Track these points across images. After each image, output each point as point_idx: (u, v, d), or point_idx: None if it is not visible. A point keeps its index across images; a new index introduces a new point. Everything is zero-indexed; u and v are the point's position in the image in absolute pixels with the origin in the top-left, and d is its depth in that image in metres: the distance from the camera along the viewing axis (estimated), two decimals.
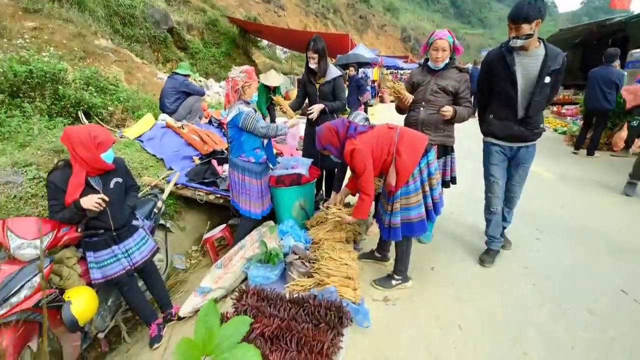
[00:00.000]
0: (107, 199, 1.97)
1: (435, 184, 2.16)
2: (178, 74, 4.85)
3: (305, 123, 3.32)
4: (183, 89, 4.80)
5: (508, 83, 2.27)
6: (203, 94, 5.30)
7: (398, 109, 2.78)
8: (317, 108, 3.03)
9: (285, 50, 17.79)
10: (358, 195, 2.24)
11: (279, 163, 3.04)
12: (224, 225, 3.16)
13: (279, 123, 2.64)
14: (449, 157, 2.72)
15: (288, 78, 11.31)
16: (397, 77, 18.67)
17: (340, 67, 7.46)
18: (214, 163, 3.64)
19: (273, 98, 4.12)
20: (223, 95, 7.18)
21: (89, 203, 1.90)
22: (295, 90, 8.67)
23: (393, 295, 2.27)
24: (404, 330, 1.98)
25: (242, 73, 2.46)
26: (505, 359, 1.79)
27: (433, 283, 2.41)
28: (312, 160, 3.06)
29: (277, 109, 6.25)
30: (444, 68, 2.50)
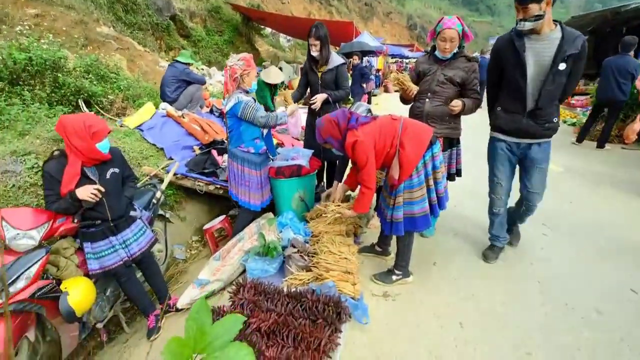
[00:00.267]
0: (103, 190, 1.95)
1: (440, 178, 2.09)
2: (179, 62, 4.78)
3: (307, 113, 3.24)
4: (184, 78, 4.72)
5: (517, 71, 2.08)
6: (204, 83, 5.22)
7: (402, 100, 2.70)
8: (319, 98, 2.95)
9: (289, 39, 17.51)
10: (359, 189, 2.18)
11: (279, 154, 2.99)
12: (224, 217, 3.13)
13: (279, 112, 2.56)
14: (455, 149, 2.64)
15: (291, 67, 11.14)
16: (401, 66, 18.38)
17: (344, 55, 7.30)
18: (214, 153, 3.59)
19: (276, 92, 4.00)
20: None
21: (85, 194, 1.88)
22: (298, 80, 8.52)
23: (393, 291, 2.23)
24: (404, 327, 1.94)
25: (240, 61, 2.38)
26: (508, 359, 1.74)
27: (435, 279, 2.36)
28: (312, 152, 3.01)
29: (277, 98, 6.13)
30: (452, 57, 2.40)
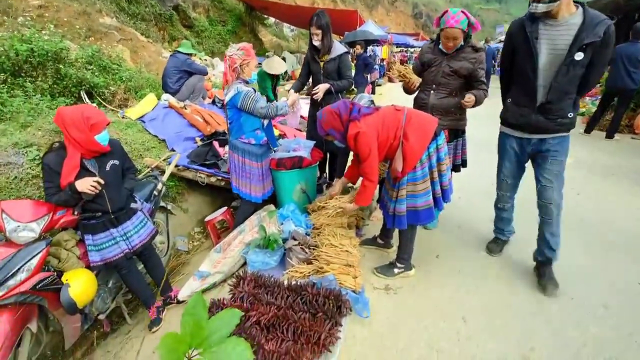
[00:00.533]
0: (102, 182, 1.93)
1: (445, 170, 2.04)
2: (180, 53, 4.71)
3: (309, 104, 3.18)
4: (185, 68, 4.67)
5: (527, 60, 1.91)
6: (206, 73, 5.16)
7: (406, 90, 2.64)
8: (322, 88, 2.89)
9: (293, 28, 17.28)
10: (360, 182, 2.14)
11: (280, 145, 2.95)
12: (225, 208, 3.12)
13: (279, 102, 2.52)
14: (460, 139, 2.58)
15: (295, 57, 11.01)
16: (405, 56, 18.10)
17: (348, 45, 7.17)
18: (215, 144, 3.56)
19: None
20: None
21: (84, 186, 1.86)
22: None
23: (395, 284, 2.20)
24: (405, 321, 1.92)
25: (239, 50, 2.33)
26: (512, 355, 1.71)
27: (437, 272, 2.33)
28: (314, 143, 2.96)
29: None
30: (458, 48, 2.31)
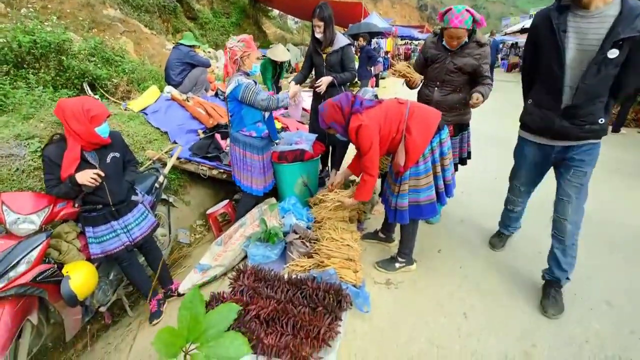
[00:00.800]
0: (102, 174, 1.92)
1: (448, 165, 2.00)
2: (183, 45, 4.68)
3: (312, 97, 3.15)
4: (188, 60, 4.64)
5: (552, 56, 1.65)
6: (208, 66, 5.12)
7: (409, 86, 2.60)
8: (325, 80, 2.85)
9: (297, 21, 17.11)
10: (360, 176, 2.11)
11: (282, 138, 2.92)
12: (227, 201, 3.11)
13: (281, 95, 2.49)
14: (465, 133, 2.54)
15: (299, 49, 10.92)
16: (409, 49, 17.89)
17: (351, 37, 7.08)
18: (217, 137, 3.54)
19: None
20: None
21: (84, 178, 1.86)
22: None
23: (396, 279, 2.19)
24: (406, 317, 1.91)
25: (240, 42, 2.29)
26: (513, 351, 1.69)
27: (439, 267, 2.31)
28: (316, 136, 2.93)
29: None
30: (462, 44, 2.26)
